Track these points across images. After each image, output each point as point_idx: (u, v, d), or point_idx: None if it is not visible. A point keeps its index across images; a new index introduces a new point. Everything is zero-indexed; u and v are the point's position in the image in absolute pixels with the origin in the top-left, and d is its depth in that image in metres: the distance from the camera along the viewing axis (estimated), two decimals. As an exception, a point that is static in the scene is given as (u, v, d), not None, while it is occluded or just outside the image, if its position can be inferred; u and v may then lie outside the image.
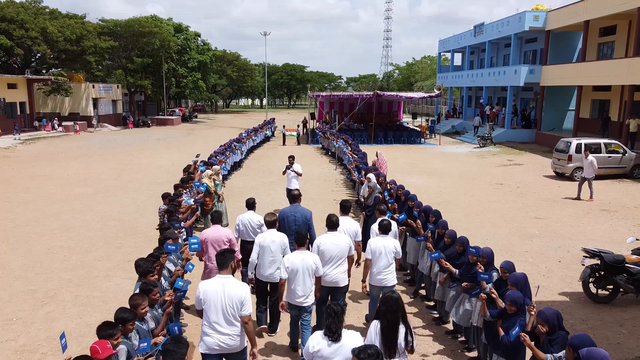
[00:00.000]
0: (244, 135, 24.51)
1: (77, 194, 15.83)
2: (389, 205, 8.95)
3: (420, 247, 7.68)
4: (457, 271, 6.10)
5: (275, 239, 6.23)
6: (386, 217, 6.99)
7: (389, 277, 6.25)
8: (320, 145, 29.39)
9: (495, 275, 5.40)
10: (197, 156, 13.35)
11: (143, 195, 15.61)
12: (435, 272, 6.94)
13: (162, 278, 5.39)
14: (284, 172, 12.71)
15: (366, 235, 9.82)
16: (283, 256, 6.06)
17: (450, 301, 6.29)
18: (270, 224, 6.33)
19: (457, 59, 46.91)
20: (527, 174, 19.86)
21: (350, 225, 6.92)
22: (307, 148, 30.06)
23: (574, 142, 18.02)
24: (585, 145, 18.03)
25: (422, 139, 33.18)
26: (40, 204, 14.44)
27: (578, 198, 14.84)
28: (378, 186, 9.79)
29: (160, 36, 45.83)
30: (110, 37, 43.13)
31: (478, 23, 36.97)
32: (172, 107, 68.59)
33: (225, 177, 17.98)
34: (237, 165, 20.87)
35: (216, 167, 11.55)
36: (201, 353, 4.63)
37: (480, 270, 5.34)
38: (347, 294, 7.00)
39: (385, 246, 6.26)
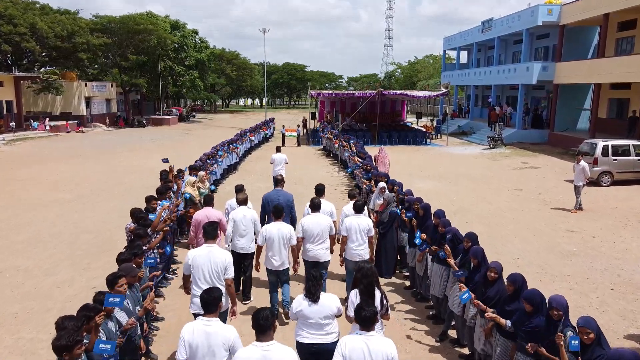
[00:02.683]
0: (240, 135, 22.92)
1: (55, 200, 14.30)
2: (408, 220, 7.42)
3: (449, 277, 6.15)
4: (507, 322, 4.56)
5: (247, 214, 6.98)
6: (359, 198, 7.84)
7: (363, 252, 6.83)
8: (322, 146, 27.85)
9: (571, 334, 3.84)
10: (165, 161, 10.77)
11: (129, 201, 13.94)
12: (473, 315, 5.39)
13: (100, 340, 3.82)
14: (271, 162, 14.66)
15: (380, 254, 8.32)
16: (254, 230, 6.99)
17: (498, 359, 4.75)
18: (241, 202, 7.18)
19: (462, 57, 45.36)
20: (546, 178, 18.31)
21: (325, 206, 7.37)
22: (307, 149, 28.50)
23: (600, 143, 16.46)
24: (612, 147, 16.54)
25: (428, 140, 31.62)
26: (11, 212, 12.91)
27: (580, 209, 13.07)
28: (394, 199, 8.23)
29: (156, 33, 44.27)
30: (103, 34, 41.59)
31: (486, 19, 35.42)
32: (170, 106, 67.12)
33: (218, 182, 16.46)
34: (232, 168, 19.34)
35: (201, 172, 10.01)
36: (192, 313, 5.22)
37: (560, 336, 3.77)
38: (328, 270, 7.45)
39: (360, 224, 6.81)
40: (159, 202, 7.79)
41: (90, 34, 39.47)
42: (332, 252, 6.91)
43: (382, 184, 8.84)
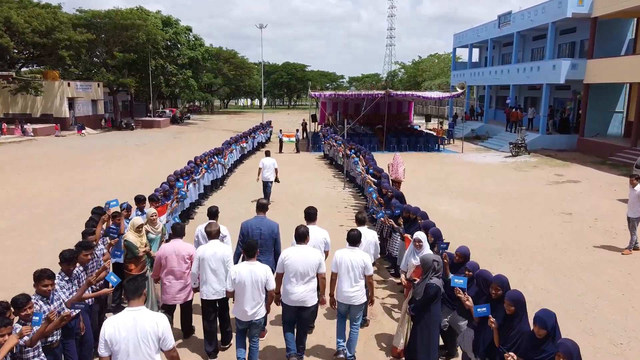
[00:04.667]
0: (228, 144, 19.77)
1: (-15, 230, 11.27)
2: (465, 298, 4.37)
3: None
4: None
5: (217, 250, 5.71)
6: (356, 228, 5.79)
7: (357, 294, 5.45)
8: (323, 153, 24.76)
9: None
10: (110, 206, 7.42)
11: (79, 232, 10.98)
12: None
13: None
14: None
15: (410, 344, 5.32)
16: (226, 270, 5.61)
17: None
18: (211, 235, 5.79)
19: (473, 55, 42.22)
20: (595, 196, 15.23)
21: (317, 234, 6.08)
22: (307, 157, 25.35)
23: (668, 156, 13.40)
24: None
25: (441, 146, 28.58)
26: None
27: (637, 248, 9.90)
28: (438, 264, 5.06)
29: (145, 29, 41.18)
30: (88, 29, 38.54)
31: (503, 12, 32.36)
32: (166, 107, 64.06)
33: (198, 203, 13.41)
34: (218, 183, 16.29)
35: (150, 210, 6.92)
36: None
37: None
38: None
39: (353, 259, 5.45)
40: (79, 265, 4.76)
41: (73, 30, 36.49)
42: (323, 294, 5.57)
43: (419, 235, 5.73)
